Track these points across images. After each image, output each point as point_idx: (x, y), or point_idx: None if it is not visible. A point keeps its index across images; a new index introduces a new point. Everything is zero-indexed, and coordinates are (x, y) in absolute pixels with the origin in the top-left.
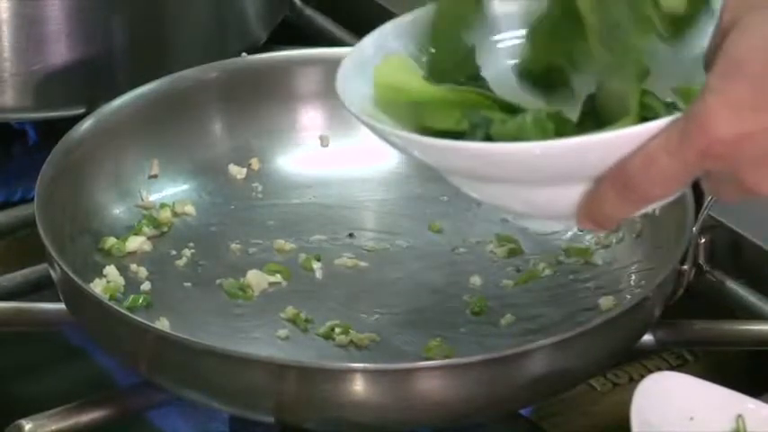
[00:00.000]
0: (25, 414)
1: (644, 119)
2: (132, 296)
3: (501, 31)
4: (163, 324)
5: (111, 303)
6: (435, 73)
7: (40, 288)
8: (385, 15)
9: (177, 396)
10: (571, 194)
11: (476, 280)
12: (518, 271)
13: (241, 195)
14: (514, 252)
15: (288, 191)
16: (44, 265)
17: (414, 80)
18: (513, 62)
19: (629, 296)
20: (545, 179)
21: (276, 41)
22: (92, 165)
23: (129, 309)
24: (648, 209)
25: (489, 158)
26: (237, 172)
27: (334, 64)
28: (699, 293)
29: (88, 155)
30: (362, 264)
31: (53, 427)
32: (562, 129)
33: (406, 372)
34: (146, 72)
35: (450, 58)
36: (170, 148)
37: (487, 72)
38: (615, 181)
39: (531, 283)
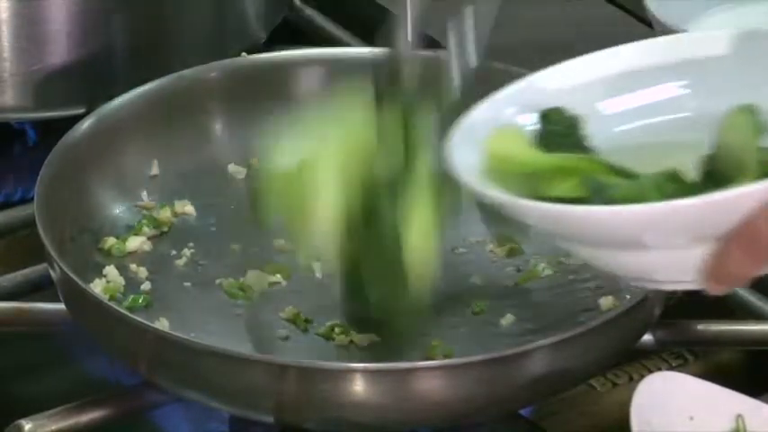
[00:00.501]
0: (25, 414)
1: (765, 175)
2: (132, 296)
3: (604, 98)
4: (162, 324)
5: (110, 303)
6: (545, 143)
7: (40, 288)
8: (385, 15)
9: (177, 396)
10: (693, 256)
11: (476, 280)
12: (518, 271)
13: (241, 195)
14: (514, 252)
15: None
16: (44, 265)
17: (527, 150)
18: (620, 128)
19: (629, 296)
20: (670, 240)
21: (276, 41)
22: (92, 165)
23: (128, 309)
24: None
25: (615, 221)
26: (238, 172)
27: (333, 64)
28: (699, 294)
29: (88, 155)
30: None
31: (53, 427)
32: (682, 190)
33: (406, 372)
34: (146, 72)
35: (559, 127)
36: (170, 147)
37: (596, 140)
38: (741, 239)
39: (532, 283)
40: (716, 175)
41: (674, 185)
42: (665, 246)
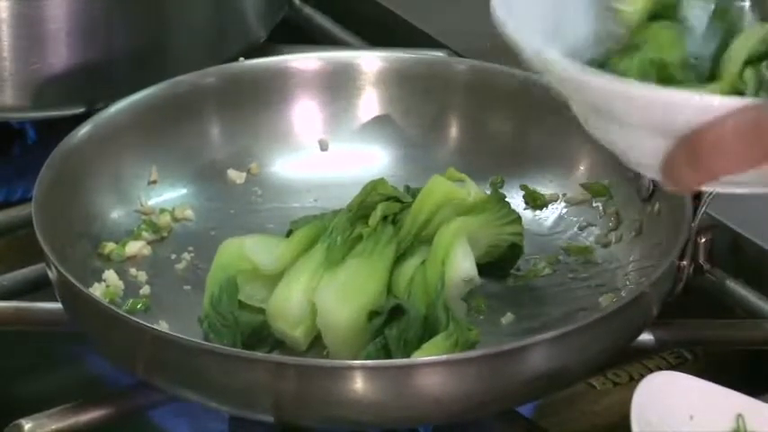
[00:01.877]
0: (25, 413)
1: (737, 92)
2: (131, 300)
3: None
4: (162, 327)
5: (107, 304)
6: None
7: (39, 287)
8: (384, 14)
9: (176, 397)
10: (653, 145)
11: (476, 280)
12: (518, 270)
13: (240, 200)
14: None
15: (287, 195)
16: (44, 265)
17: None
18: None
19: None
20: (633, 123)
21: (276, 40)
22: (90, 170)
23: (128, 313)
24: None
25: (586, 89)
26: (237, 176)
27: (331, 67)
28: (699, 293)
29: (86, 160)
30: None
31: (53, 427)
32: (663, 76)
33: (405, 368)
34: (145, 70)
35: None
36: (169, 153)
37: None
38: (687, 147)
39: (532, 282)
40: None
41: (657, 71)
42: (632, 126)
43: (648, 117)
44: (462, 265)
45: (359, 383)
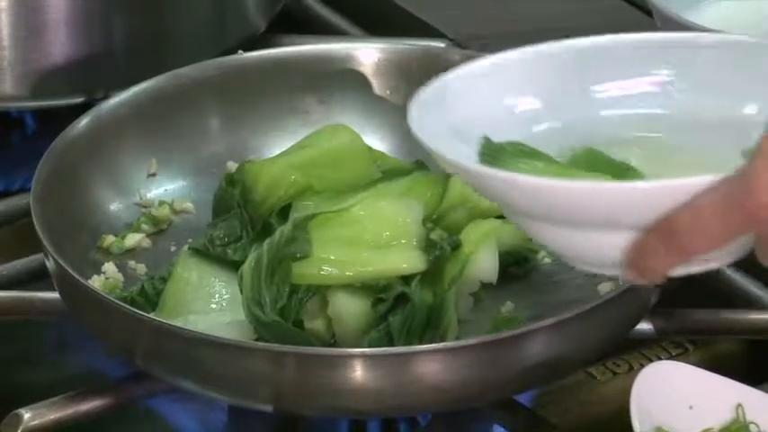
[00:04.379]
0: (24, 403)
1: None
2: (131, 291)
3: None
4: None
5: (105, 294)
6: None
7: (39, 277)
8: (383, 4)
9: (175, 386)
10: (618, 242)
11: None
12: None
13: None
14: None
15: None
16: (43, 255)
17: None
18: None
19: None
20: (590, 221)
21: (275, 31)
22: (89, 162)
23: (126, 303)
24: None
25: (538, 193)
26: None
27: (331, 59)
28: (698, 282)
29: (86, 152)
30: None
31: (52, 417)
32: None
33: (404, 356)
34: (145, 60)
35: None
36: (168, 145)
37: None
38: (661, 231)
39: (531, 271)
40: None
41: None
42: (588, 226)
43: (614, 210)
44: (486, 265)
45: (358, 372)
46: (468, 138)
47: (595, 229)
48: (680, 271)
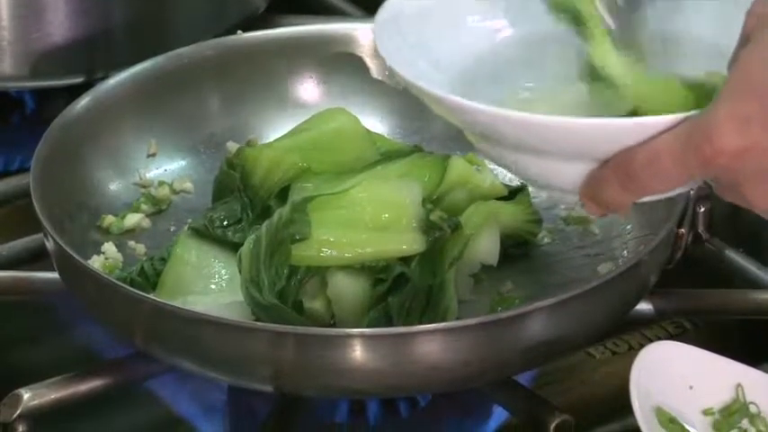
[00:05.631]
0: (24, 383)
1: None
2: (130, 271)
3: None
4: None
5: (105, 275)
6: None
7: (38, 257)
8: None
9: (175, 367)
10: (577, 170)
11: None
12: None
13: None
14: None
15: None
16: (42, 235)
17: None
18: None
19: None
20: (554, 152)
21: (275, 11)
22: (89, 142)
23: (126, 283)
24: (648, 199)
25: (503, 123)
26: (236, 149)
27: (330, 38)
28: (698, 262)
29: (85, 133)
30: None
31: (52, 396)
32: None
33: (403, 336)
34: (144, 40)
35: None
36: (168, 125)
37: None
38: (618, 168)
39: (531, 251)
40: None
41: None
42: (551, 155)
43: (571, 145)
44: (488, 247)
45: (357, 352)
46: (432, 57)
47: (557, 158)
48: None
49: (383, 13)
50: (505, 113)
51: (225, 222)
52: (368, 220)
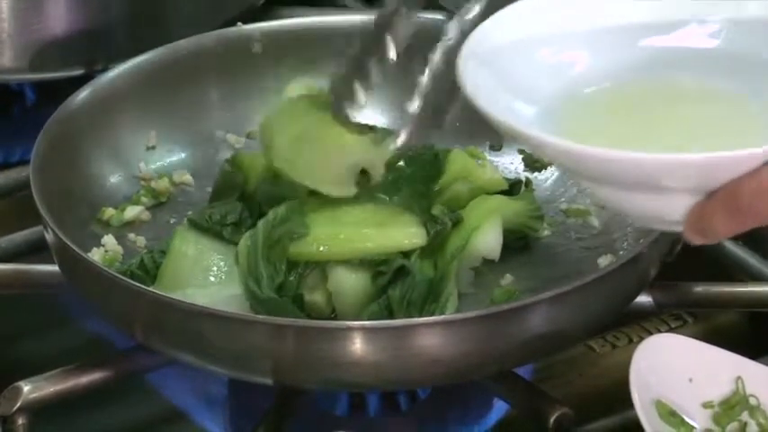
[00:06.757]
0: (24, 376)
1: None
2: (130, 264)
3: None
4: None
5: (105, 267)
6: None
7: (38, 250)
8: None
9: (175, 359)
10: (681, 204)
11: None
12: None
13: None
14: None
15: None
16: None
17: None
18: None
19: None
20: (655, 187)
21: (274, 2)
22: (89, 135)
23: (126, 276)
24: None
25: (608, 164)
26: (236, 141)
27: (330, 31)
28: (698, 255)
29: (85, 125)
30: None
31: (51, 389)
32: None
33: (404, 329)
34: (144, 32)
35: None
36: (168, 117)
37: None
38: (727, 199)
39: (531, 243)
40: None
41: None
42: (654, 191)
43: (684, 178)
44: (490, 241)
45: (357, 345)
46: (518, 91)
47: (659, 192)
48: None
49: (465, 48)
50: (619, 155)
51: (223, 222)
52: (368, 216)
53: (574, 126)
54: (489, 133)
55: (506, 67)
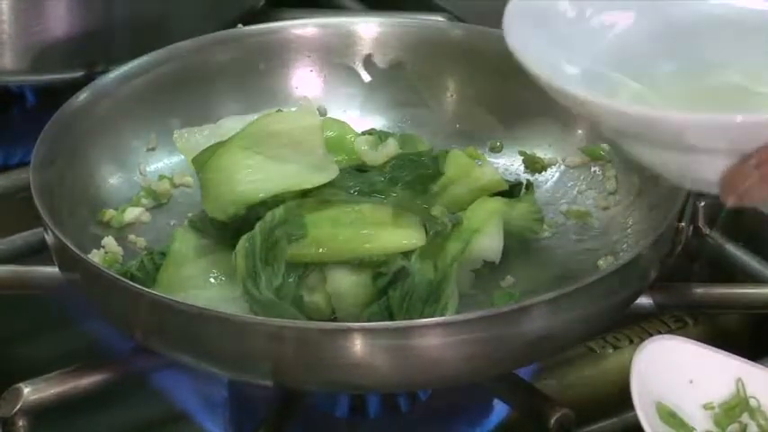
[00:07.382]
0: (24, 378)
1: None
2: (130, 265)
3: None
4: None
5: (105, 269)
6: None
7: (39, 251)
8: None
9: (175, 361)
10: (718, 165)
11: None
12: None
13: None
14: None
15: None
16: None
17: None
18: None
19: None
20: (695, 148)
21: (275, 4)
22: (89, 137)
23: (126, 277)
24: None
25: (650, 124)
26: None
27: (331, 32)
28: (698, 257)
29: (85, 127)
30: None
31: (52, 391)
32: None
33: (404, 330)
34: (144, 34)
35: None
36: (168, 119)
37: None
38: (762, 162)
39: (532, 245)
40: None
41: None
42: (693, 151)
43: (725, 140)
44: (491, 244)
45: (357, 346)
46: (567, 51)
47: (698, 152)
48: None
49: (511, 5)
50: (664, 115)
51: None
52: (367, 217)
53: (620, 88)
54: (489, 134)
55: (552, 26)
